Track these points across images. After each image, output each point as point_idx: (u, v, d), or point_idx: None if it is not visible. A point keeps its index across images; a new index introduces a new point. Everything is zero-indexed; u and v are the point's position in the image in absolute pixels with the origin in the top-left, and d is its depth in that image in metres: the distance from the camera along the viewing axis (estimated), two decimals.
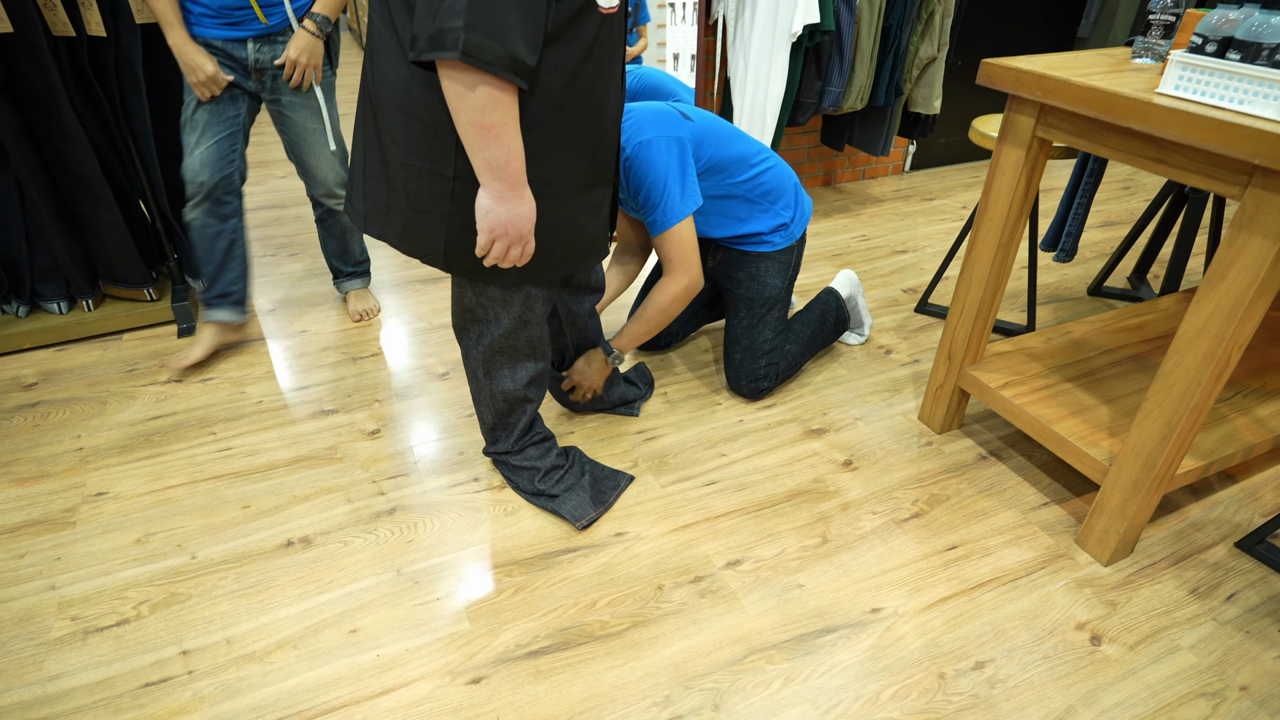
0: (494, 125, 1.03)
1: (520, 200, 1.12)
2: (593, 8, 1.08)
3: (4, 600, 1.40)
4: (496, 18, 0.95)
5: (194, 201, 1.91)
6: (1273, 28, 1.13)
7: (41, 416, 1.89)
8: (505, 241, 1.15)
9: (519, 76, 1.00)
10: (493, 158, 1.06)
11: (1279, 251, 1.14)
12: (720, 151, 1.75)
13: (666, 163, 1.61)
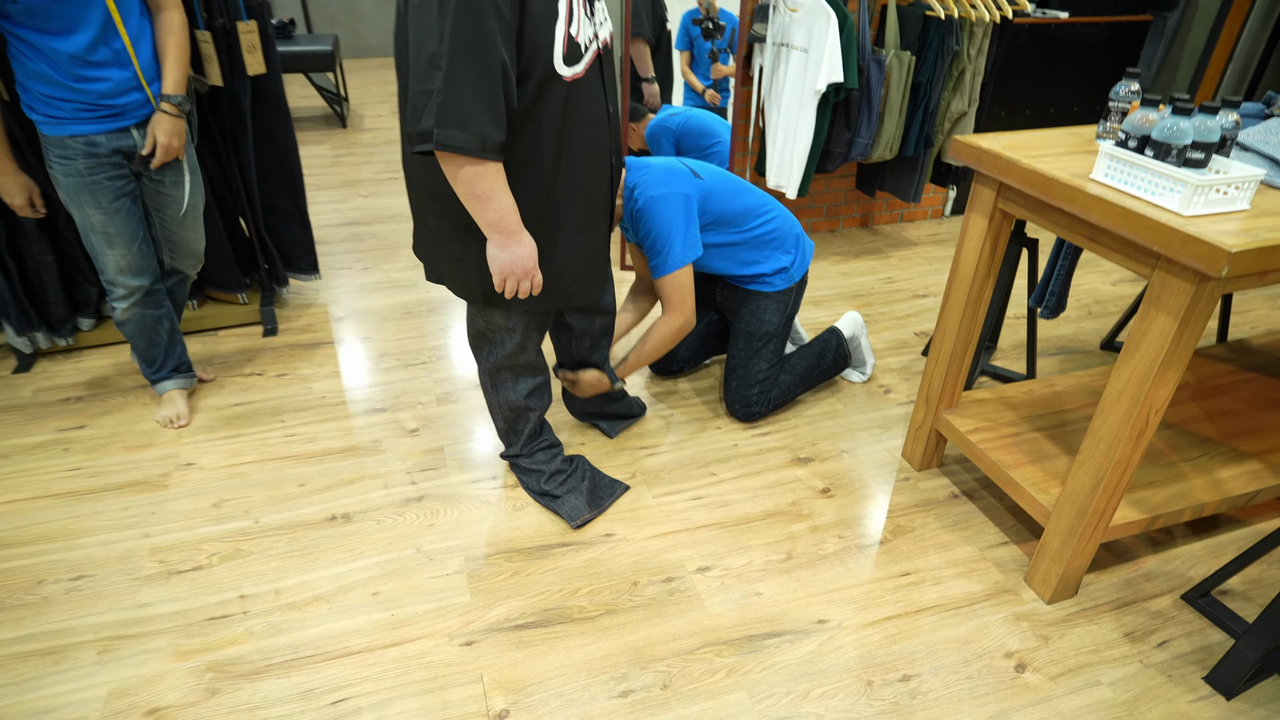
0: (483, 193, 1.30)
1: (520, 244, 1.39)
2: (556, 79, 1.32)
3: (110, 542, 1.75)
4: (460, 112, 1.21)
5: (130, 301, 1.96)
6: (1182, 132, 1.28)
7: (151, 397, 2.27)
8: (515, 279, 1.42)
9: (490, 152, 1.25)
10: (489, 217, 1.33)
11: (1179, 328, 1.28)
12: (726, 206, 1.97)
13: (672, 217, 1.85)
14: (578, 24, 1.33)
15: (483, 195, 1.30)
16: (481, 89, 1.21)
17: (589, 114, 1.42)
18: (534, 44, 1.27)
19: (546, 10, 1.26)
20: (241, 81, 2.26)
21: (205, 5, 2.11)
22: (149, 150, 1.84)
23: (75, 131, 1.74)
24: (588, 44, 1.37)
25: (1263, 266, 1.19)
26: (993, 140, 1.63)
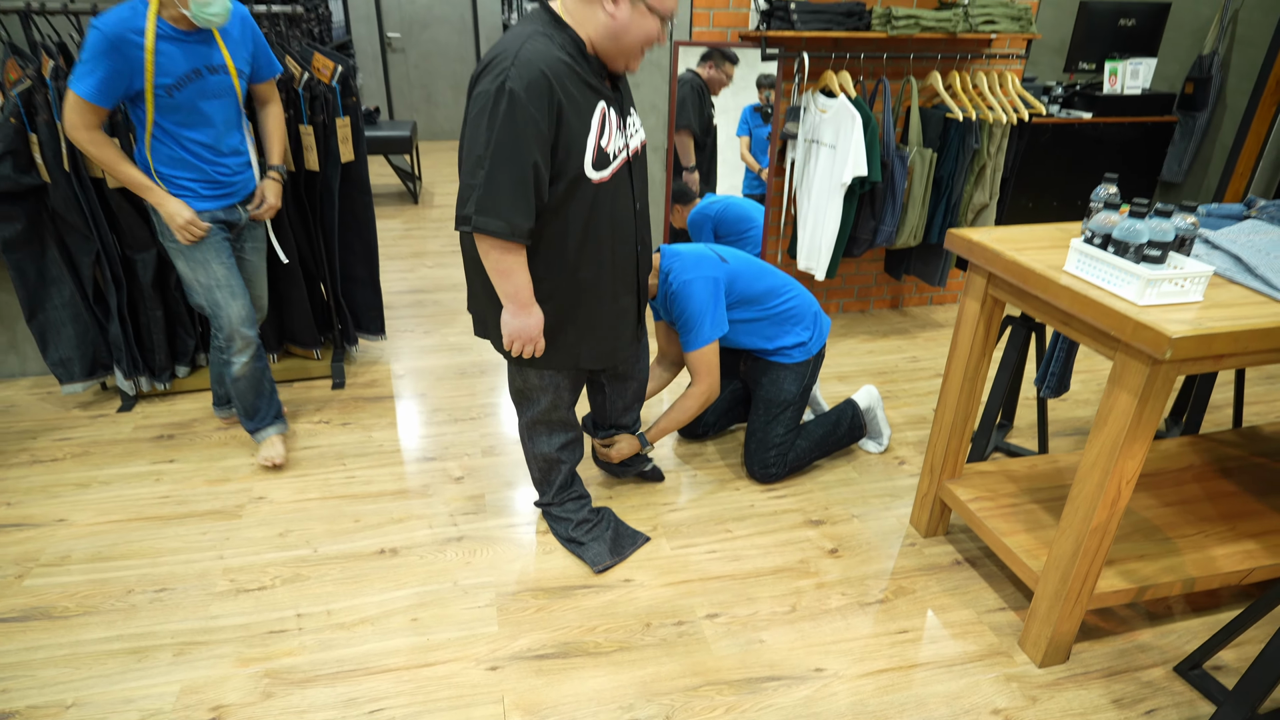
0: (505, 270, 1.56)
1: (529, 315, 1.64)
2: (585, 181, 1.58)
3: (190, 561, 1.99)
4: (496, 203, 1.48)
5: (249, 354, 2.21)
6: (1137, 232, 1.45)
7: (230, 438, 2.55)
8: (520, 342, 1.67)
9: (517, 237, 1.51)
10: (507, 290, 1.59)
11: (1139, 405, 1.42)
12: (750, 287, 2.19)
13: (702, 299, 2.07)
14: (609, 136, 1.60)
15: (505, 272, 1.56)
16: (515, 186, 1.48)
17: (614, 210, 1.67)
18: (567, 151, 1.54)
19: (581, 125, 1.53)
20: (334, 166, 2.62)
21: (310, 104, 2.49)
22: (256, 205, 2.22)
23: (201, 207, 2.07)
24: (617, 153, 1.64)
25: (1205, 352, 1.33)
26: (983, 234, 1.82)
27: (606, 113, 1.60)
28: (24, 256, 2.41)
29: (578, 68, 1.53)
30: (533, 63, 1.45)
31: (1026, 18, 2.99)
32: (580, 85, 1.54)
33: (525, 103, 1.44)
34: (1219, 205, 1.99)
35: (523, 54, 1.46)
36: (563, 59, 1.50)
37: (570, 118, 1.51)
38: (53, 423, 2.61)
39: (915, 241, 3.19)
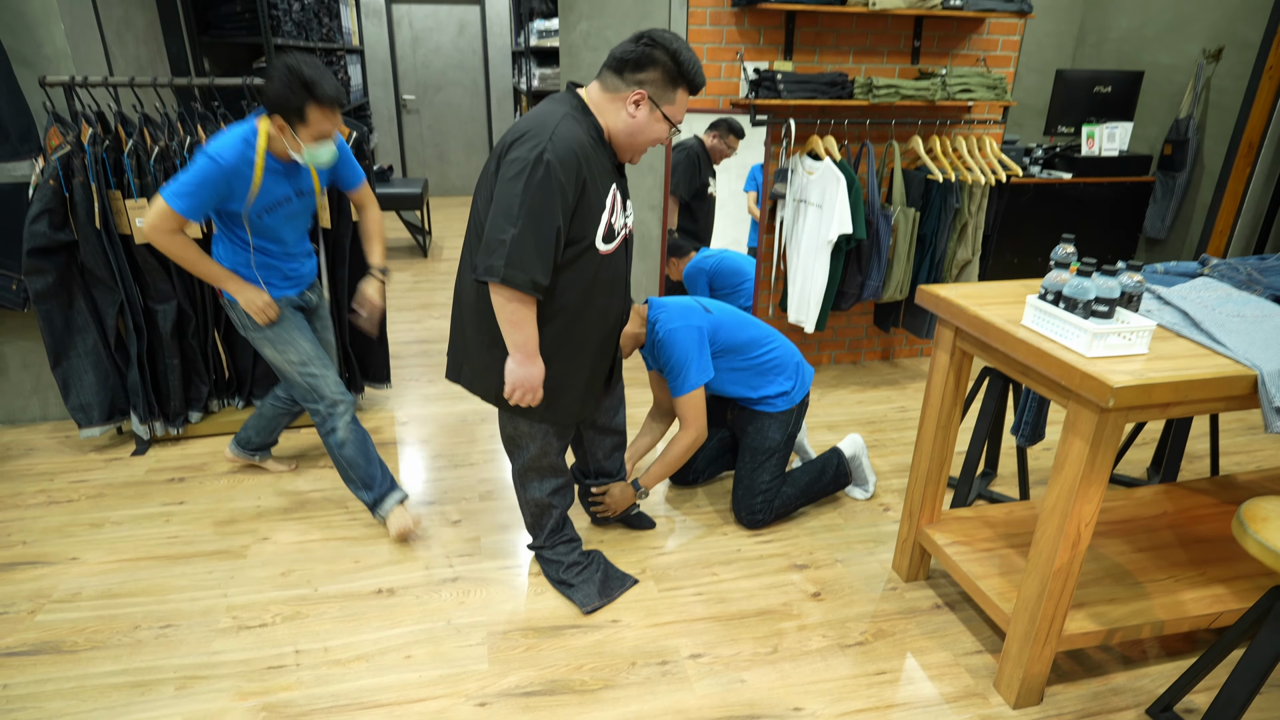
0: (519, 320, 1.67)
1: (534, 365, 1.74)
2: (594, 251, 1.73)
3: (195, 599, 2.07)
4: (524, 258, 1.60)
5: (349, 415, 2.22)
6: (1084, 290, 1.56)
7: (238, 481, 2.65)
8: (522, 390, 1.76)
9: (536, 292, 1.64)
10: (516, 340, 1.70)
11: (1090, 451, 1.51)
12: (732, 336, 2.31)
13: (686, 346, 2.19)
14: (616, 215, 1.77)
15: (518, 323, 1.68)
16: (539, 246, 1.62)
17: (611, 279, 1.83)
18: (584, 223, 1.69)
19: (598, 202, 1.70)
20: (346, 224, 2.78)
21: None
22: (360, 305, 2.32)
23: (278, 295, 2.18)
24: (620, 229, 1.81)
25: (1147, 400, 1.43)
26: (950, 289, 1.93)
27: (616, 195, 1.77)
28: (53, 307, 2.56)
29: (598, 152, 1.71)
30: (567, 140, 1.62)
31: (1001, 87, 3.17)
32: (600, 167, 1.71)
33: (559, 173, 1.59)
34: (1176, 264, 2.11)
35: (559, 130, 1.62)
36: (588, 142, 1.67)
37: (591, 194, 1.67)
38: (70, 466, 2.72)
39: (902, 295, 3.31)
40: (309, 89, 1.82)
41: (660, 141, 1.76)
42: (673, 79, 1.67)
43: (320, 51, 5.27)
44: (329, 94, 1.85)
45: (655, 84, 1.67)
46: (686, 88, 1.70)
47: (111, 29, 3.07)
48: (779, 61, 3.14)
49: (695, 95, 1.77)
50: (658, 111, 1.69)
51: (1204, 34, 4.25)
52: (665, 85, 1.67)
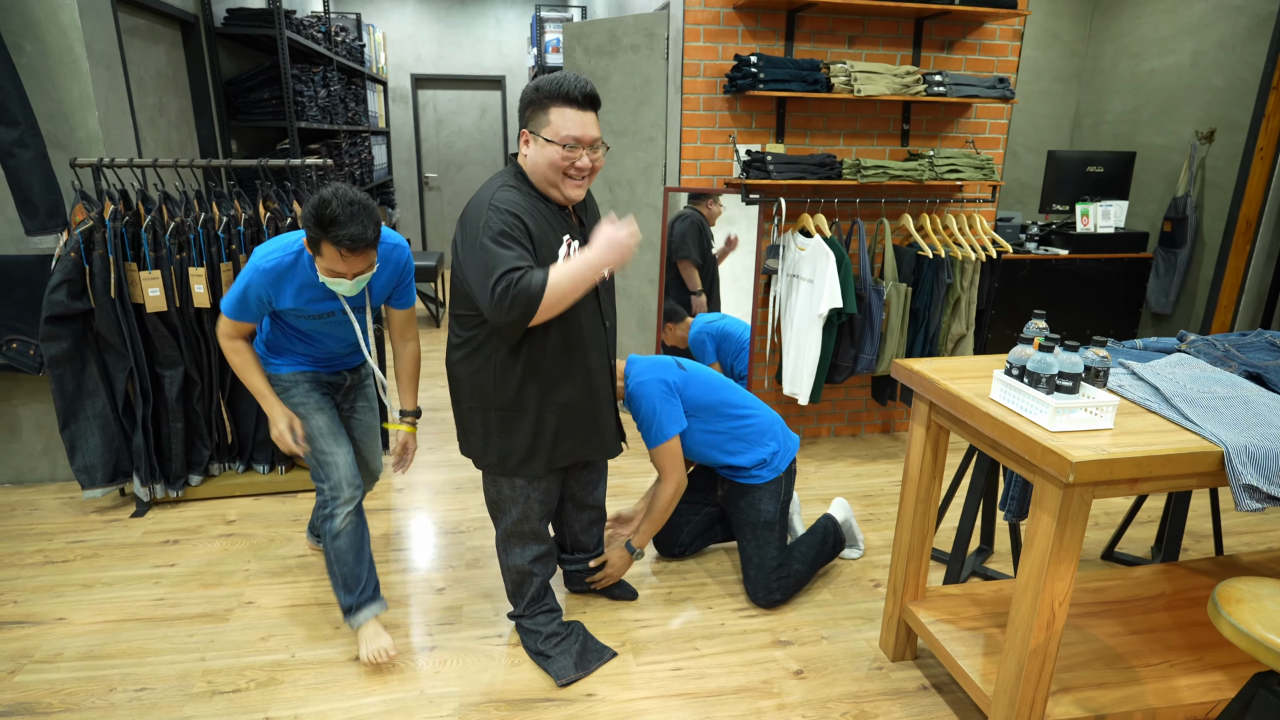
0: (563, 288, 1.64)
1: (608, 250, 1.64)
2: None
3: (173, 662, 2.07)
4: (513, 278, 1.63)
5: (353, 506, 2.06)
6: (1047, 364, 1.57)
7: (231, 544, 2.68)
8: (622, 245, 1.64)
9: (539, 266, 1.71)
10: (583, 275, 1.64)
11: (1058, 527, 1.49)
12: (702, 396, 2.32)
13: (653, 398, 2.22)
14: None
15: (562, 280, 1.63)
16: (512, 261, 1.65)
17: (584, 327, 1.90)
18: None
19: (550, 253, 1.79)
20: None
21: None
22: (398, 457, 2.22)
23: (308, 369, 2.12)
24: None
25: (1108, 476, 1.42)
26: (923, 363, 1.96)
27: (572, 244, 1.85)
28: (66, 371, 2.67)
29: (539, 206, 1.81)
30: (503, 203, 1.73)
31: (989, 167, 3.26)
32: (545, 221, 1.80)
33: (506, 227, 1.69)
34: (1155, 339, 2.12)
35: (494, 199, 1.74)
36: (524, 201, 1.77)
37: (541, 245, 1.76)
38: (70, 526, 2.78)
39: None
40: (324, 227, 1.75)
41: (560, 165, 1.75)
42: (538, 104, 1.75)
43: (344, 134, 5.57)
44: (344, 238, 1.76)
45: (531, 120, 1.78)
46: (559, 103, 1.72)
47: (145, 115, 3.29)
48: (771, 144, 3.27)
49: (581, 107, 1.74)
50: (539, 139, 1.76)
51: (1195, 116, 4.35)
52: (536, 114, 1.76)
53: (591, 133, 1.77)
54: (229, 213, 2.73)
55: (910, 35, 3.28)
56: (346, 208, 1.76)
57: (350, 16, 6.25)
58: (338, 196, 1.75)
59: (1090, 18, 5.08)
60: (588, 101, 1.76)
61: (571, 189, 1.80)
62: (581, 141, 1.75)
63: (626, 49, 3.48)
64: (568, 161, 1.75)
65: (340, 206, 1.75)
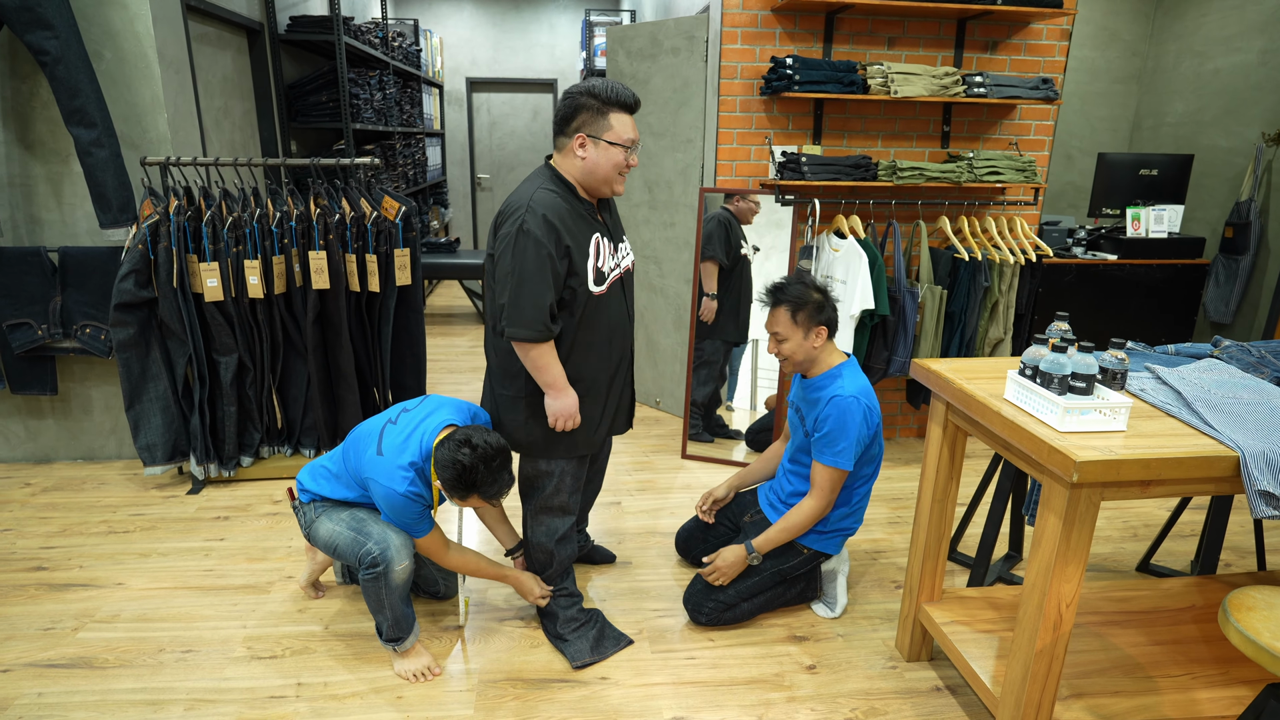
0: (541, 365, 1.90)
1: (566, 396, 1.95)
2: (589, 293, 1.94)
3: (217, 628, 2.22)
4: (522, 314, 1.84)
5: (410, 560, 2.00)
6: (1060, 365, 1.57)
7: (276, 522, 2.84)
8: (563, 419, 1.96)
9: (545, 338, 1.86)
10: (545, 380, 1.93)
11: (1065, 527, 1.49)
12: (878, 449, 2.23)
13: (860, 426, 2.09)
14: (603, 259, 1.97)
15: (541, 366, 1.91)
16: (535, 301, 1.84)
17: (611, 317, 2.02)
18: (575, 273, 1.91)
19: (581, 253, 1.92)
20: (392, 289, 3.02)
21: (375, 237, 2.93)
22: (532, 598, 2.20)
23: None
24: (610, 270, 1.99)
25: (1113, 477, 1.41)
26: (942, 363, 1.96)
27: (600, 240, 1.97)
28: (132, 356, 2.86)
29: (574, 207, 1.92)
30: (541, 208, 1.85)
31: (1031, 169, 3.20)
32: (578, 220, 1.92)
33: (540, 239, 1.83)
34: (1189, 345, 2.07)
35: (533, 202, 1.86)
36: (562, 204, 1.89)
37: (574, 248, 1.89)
38: (132, 500, 2.98)
39: None
40: (474, 488, 1.89)
41: (622, 166, 1.91)
42: (599, 109, 1.87)
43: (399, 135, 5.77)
44: (493, 495, 1.93)
45: (588, 123, 1.88)
46: (616, 109, 1.88)
47: (210, 117, 3.50)
48: (808, 145, 3.28)
49: (632, 112, 1.91)
50: (601, 142, 1.88)
51: (1262, 118, 4.17)
52: (596, 118, 1.87)
53: (637, 134, 1.95)
54: (282, 209, 2.89)
55: (952, 36, 3.25)
56: (490, 467, 1.88)
57: (408, 22, 6.48)
58: (481, 460, 1.86)
59: (1153, 16, 4.91)
60: (637, 106, 1.93)
61: (620, 185, 1.98)
62: (635, 143, 1.94)
63: (667, 52, 3.53)
64: (625, 162, 1.92)
65: (484, 472, 1.87)
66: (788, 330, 2.13)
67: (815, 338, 2.14)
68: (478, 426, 1.96)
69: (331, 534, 2.03)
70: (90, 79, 2.71)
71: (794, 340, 2.14)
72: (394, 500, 1.91)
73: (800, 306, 2.11)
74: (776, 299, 2.17)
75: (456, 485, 1.87)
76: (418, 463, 1.92)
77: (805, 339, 2.14)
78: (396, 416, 2.05)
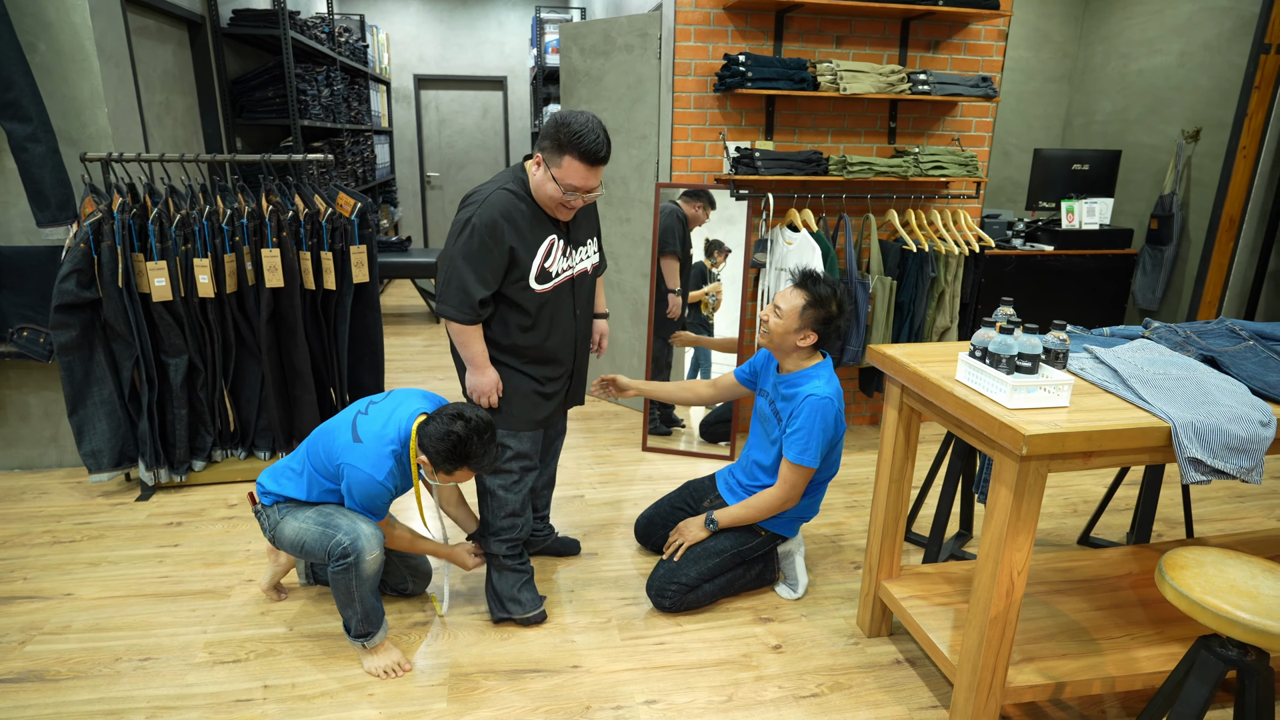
0: (464, 341, 2.02)
1: (484, 374, 2.07)
2: (529, 289, 2.01)
3: (176, 635, 2.16)
4: (452, 297, 1.96)
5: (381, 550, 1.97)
6: (1008, 346, 1.65)
7: (232, 526, 2.77)
8: (478, 393, 2.09)
9: (469, 321, 1.97)
10: (466, 355, 2.05)
11: (1015, 499, 1.57)
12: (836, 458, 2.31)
13: (826, 427, 2.17)
14: (553, 260, 2.02)
15: (464, 343, 2.03)
16: (466, 287, 1.95)
17: (554, 315, 2.09)
18: (517, 267, 1.98)
19: (527, 251, 1.98)
20: (348, 286, 2.98)
21: (331, 234, 2.89)
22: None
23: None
24: (560, 272, 2.05)
25: (1060, 449, 1.50)
26: (896, 349, 2.04)
27: (555, 242, 2.02)
28: (75, 359, 2.76)
29: (531, 210, 2.00)
30: (493, 206, 1.94)
31: (973, 164, 3.33)
32: (531, 222, 1.98)
33: (482, 233, 1.92)
34: (1123, 327, 2.20)
35: (490, 199, 1.95)
36: (518, 205, 1.97)
37: (518, 248, 1.96)
38: (77, 509, 2.87)
39: None
40: (466, 459, 1.92)
41: (556, 201, 1.93)
42: (560, 146, 1.88)
43: (347, 133, 5.66)
44: (485, 464, 1.96)
45: (548, 150, 1.91)
46: (573, 154, 1.87)
47: (152, 112, 3.39)
48: (760, 141, 3.35)
49: (591, 164, 1.89)
50: (548, 172, 1.92)
51: (1182, 116, 4.42)
52: (555, 151, 1.90)
53: (592, 184, 1.94)
54: (233, 206, 2.83)
55: (897, 35, 3.36)
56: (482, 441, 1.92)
57: (354, 18, 6.36)
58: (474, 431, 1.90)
59: (1081, 19, 5.15)
60: (600, 161, 1.91)
61: (563, 214, 2.02)
62: (580, 190, 1.93)
63: (620, 49, 3.56)
64: (564, 200, 1.95)
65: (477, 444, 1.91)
66: (789, 313, 2.20)
67: (803, 338, 2.22)
68: (463, 403, 2.01)
69: (298, 532, 2.00)
70: (24, 71, 2.61)
71: (786, 324, 2.21)
72: (370, 486, 1.94)
73: (815, 305, 2.18)
74: (803, 284, 2.22)
75: (450, 457, 1.90)
76: (397, 448, 1.96)
77: (796, 331, 2.21)
78: (366, 408, 2.06)
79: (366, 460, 1.94)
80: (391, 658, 2.05)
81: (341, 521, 1.97)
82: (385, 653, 2.06)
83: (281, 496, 2.07)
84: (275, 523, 2.05)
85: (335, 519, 1.99)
